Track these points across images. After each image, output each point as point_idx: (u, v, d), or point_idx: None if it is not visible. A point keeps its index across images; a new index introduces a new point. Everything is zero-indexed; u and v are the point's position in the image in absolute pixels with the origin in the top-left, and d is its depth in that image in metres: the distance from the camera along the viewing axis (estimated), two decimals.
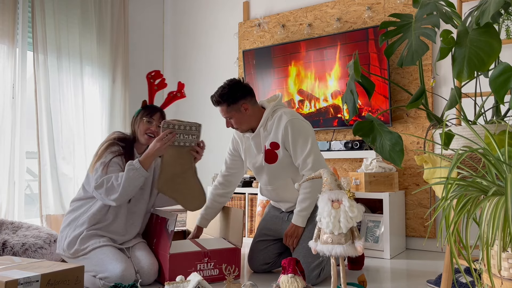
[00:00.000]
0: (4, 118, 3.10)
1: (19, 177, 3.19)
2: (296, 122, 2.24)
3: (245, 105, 2.28)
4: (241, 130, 2.37)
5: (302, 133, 2.23)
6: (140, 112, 2.31)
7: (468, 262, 1.04)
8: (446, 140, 1.43)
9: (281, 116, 2.28)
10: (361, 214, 1.53)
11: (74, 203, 2.27)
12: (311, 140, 2.23)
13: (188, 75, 4.51)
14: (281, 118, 2.27)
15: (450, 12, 1.54)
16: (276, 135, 2.28)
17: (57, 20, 3.49)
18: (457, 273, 2.00)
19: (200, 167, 4.32)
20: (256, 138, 2.34)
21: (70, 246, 2.14)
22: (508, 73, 1.26)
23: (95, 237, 2.14)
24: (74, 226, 2.18)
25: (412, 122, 3.20)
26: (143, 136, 2.27)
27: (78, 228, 2.16)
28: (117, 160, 2.18)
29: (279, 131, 2.26)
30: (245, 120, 2.31)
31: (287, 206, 2.40)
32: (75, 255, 2.12)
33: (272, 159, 2.30)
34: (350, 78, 1.66)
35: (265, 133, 2.32)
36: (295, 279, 1.63)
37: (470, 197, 1.05)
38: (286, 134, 2.23)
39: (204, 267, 2.17)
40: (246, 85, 2.33)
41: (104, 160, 2.15)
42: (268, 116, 2.32)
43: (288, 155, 2.28)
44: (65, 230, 2.20)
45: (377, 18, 3.37)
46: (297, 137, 2.22)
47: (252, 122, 2.33)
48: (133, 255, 2.19)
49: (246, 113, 2.30)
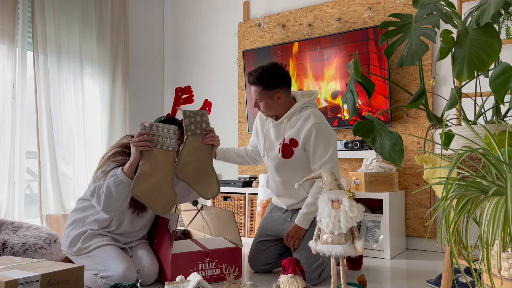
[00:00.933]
0: (4, 118, 3.10)
1: (19, 177, 3.19)
2: (322, 127, 2.22)
3: (279, 94, 2.27)
4: (266, 114, 2.35)
5: (326, 139, 2.22)
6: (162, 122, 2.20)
7: (468, 262, 1.04)
8: (446, 140, 1.43)
9: (309, 116, 2.25)
10: (361, 214, 1.53)
11: (81, 201, 2.25)
12: (332, 148, 2.22)
13: (188, 75, 4.51)
14: (309, 118, 2.24)
15: (450, 12, 1.54)
16: (298, 132, 2.25)
17: (57, 20, 3.49)
18: (457, 273, 2.00)
19: None
20: (278, 126, 2.33)
21: (73, 244, 2.14)
22: (508, 73, 1.26)
23: (98, 236, 2.14)
24: (78, 226, 2.18)
25: (412, 122, 3.21)
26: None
27: (82, 228, 2.16)
28: None
29: (302, 130, 2.23)
30: (274, 107, 2.30)
31: (290, 203, 2.37)
32: (78, 253, 2.13)
33: (287, 154, 2.28)
34: (350, 78, 1.65)
35: (288, 124, 2.29)
36: (295, 279, 1.63)
37: (470, 197, 1.05)
38: (309, 135, 2.21)
39: (205, 267, 2.17)
40: (287, 74, 2.30)
41: (105, 168, 2.09)
42: (296, 110, 2.29)
43: (305, 155, 2.26)
44: (69, 228, 2.20)
45: (377, 18, 3.37)
46: (320, 142, 2.20)
47: (280, 111, 2.31)
48: (134, 254, 2.19)
49: (278, 101, 2.28)
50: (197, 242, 2.29)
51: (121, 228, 2.19)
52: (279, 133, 2.33)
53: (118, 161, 2.12)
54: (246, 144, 4.00)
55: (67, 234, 2.19)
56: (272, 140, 2.36)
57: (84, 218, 2.19)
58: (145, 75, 4.50)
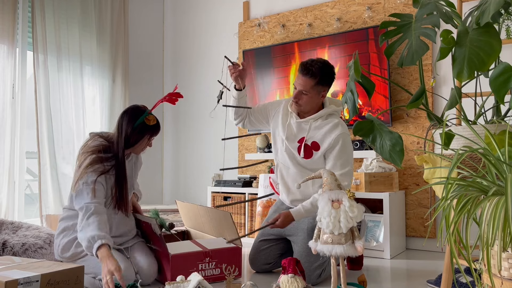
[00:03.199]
0: (4, 118, 3.10)
1: (19, 177, 3.19)
2: (348, 139, 2.24)
3: (324, 92, 2.27)
4: (298, 109, 2.29)
5: (348, 151, 2.24)
6: (146, 128, 2.10)
7: (468, 262, 1.04)
8: (446, 140, 1.43)
9: (338, 124, 2.24)
10: (361, 214, 1.53)
11: (66, 210, 2.20)
12: (351, 165, 2.25)
13: (188, 75, 4.51)
14: (337, 126, 2.23)
15: (450, 12, 1.54)
16: (323, 138, 2.24)
17: (57, 20, 3.49)
18: (457, 273, 2.00)
19: (200, 167, 4.33)
20: (302, 125, 2.30)
21: (65, 250, 2.10)
22: (508, 73, 1.26)
23: None
24: (69, 233, 2.13)
25: (412, 122, 3.20)
26: (141, 151, 2.19)
27: (73, 234, 2.11)
28: (101, 180, 2.04)
29: (329, 137, 2.22)
30: (313, 104, 2.27)
31: (293, 198, 2.35)
32: (73, 259, 2.10)
33: (307, 155, 2.27)
34: (350, 78, 1.65)
35: (313, 125, 2.28)
36: (295, 279, 1.63)
37: (470, 197, 1.05)
38: (335, 144, 2.21)
39: (205, 267, 2.17)
40: (334, 75, 2.30)
41: (86, 179, 2.00)
42: (323, 115, 2.28)
43: (323, 161, 2.26)
44: (59, 236, 2.15)
45: (377, 18, 3.37)
46: (343, 153, 2.21)
47: (312, 110, 2.30)
48: (132, 255, 2.18)
49: (320, 99, 2.28)
50: (196, 243, 2.29)
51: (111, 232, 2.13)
52: (301, 131, 2.31)
53: (96, 170, 2.03)
54: (246, 144, 4.00)
55: (58, 243, 2.14)
56: (293, 135, 2.32)
57: (74, 225, 2.12)
58: (145, 75, 4.50)
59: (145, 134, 2.11)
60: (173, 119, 4.55)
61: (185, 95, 4.51)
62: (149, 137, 2.13)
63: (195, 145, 4.40)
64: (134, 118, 2.09)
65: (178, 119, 4.52)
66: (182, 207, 2.80)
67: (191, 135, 4.43)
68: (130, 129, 2.08)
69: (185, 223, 2.88)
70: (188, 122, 4.45)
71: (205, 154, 4.32)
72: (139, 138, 2.10)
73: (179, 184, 4.51)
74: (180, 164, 4.48)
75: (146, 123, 2.09)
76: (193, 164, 4.40)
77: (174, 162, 4.52)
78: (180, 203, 2.80)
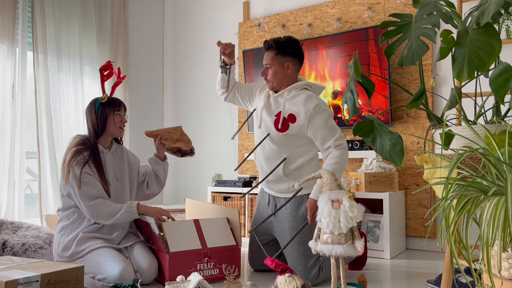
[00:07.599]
0: (4, 118, 3.10)
1: (19, 177, 3.19)
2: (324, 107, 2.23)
3: (289, 63, 2.29)
4: (270, 85, 2.34)
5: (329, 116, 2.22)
6: (105, 107, 2.25)
7: (468, 262, 1.04)
8: (446, 140, 1.43)
9: (311, 96, 2.25)
10: (361, 214, 1.53)
11: (61, 212, 2.25)
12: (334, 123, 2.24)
13: (188, 75, 4.51)
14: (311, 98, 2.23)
15: (450, 12, 1.54)
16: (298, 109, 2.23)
17: (57, 20, 3.49)
18: (457, 273, 2.00)
19: (200, 166, 4.33)
20: (278, 99, 2.32)
21: (66, 249, 2.13)
22: (508, 73, 1.26)
23: (92, 239, 2.14)
24: (68, 232, 2.18)
25: (412, 122, 3.20)
26: (117, 129, 2.28)
27: (72, 232, 2.16)
28: (87, 170, 2.16)
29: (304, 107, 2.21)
30: (281, 77, 2.30)
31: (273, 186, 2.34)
32: (72, 258, 2.12)
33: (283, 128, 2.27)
34: (350, 78, 1.66)
35: (287, 97, 2.28)
36: (293, 278, 1.63)
37: (470, 197, 1.05)
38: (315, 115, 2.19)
39: (204, 267, 2.17)
40: (301, 49, 2.35)
41: (73, 173, 2.14)
42: (297, 86, 2.30)
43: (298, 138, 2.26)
44: (59, 235, 2.19)
45: (377, 18, 3.37)
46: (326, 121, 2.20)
47: (284, 84, 2.32)
48: (131, 255, 2.19)
49: (286, 71, 2.30)
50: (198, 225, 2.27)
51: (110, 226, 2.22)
52: (278, 106, 2.32)
53: (78, 162, 2.17)
54: (246, 144, 4.00)
55: (58, 242, 2.18)
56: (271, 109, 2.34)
57: (72, 223, 2.19)
58: (145, 75, 4.50)
59: (106, 110, 2.25)
60: (173, 119, 4.55)
61: (185, 95, 4.52)
62: (113, 112, 2.26)
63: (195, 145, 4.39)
64: (93, 105, 2.28)
65: (178, 119, 4.52)
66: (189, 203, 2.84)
67: (191, 135, 4.43)
68: (93, 115, 2.26)
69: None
70: (188, 122, 4.46)
71: (205, 154, 4.32)
72: (103, 117, 2.25)
73: (179, 184, 4.51)
74: (180, 164, 4.48)
75: (102, 103, 2.27)
76: (193, 164, 4.40)
77: (174, 162, 4.52)
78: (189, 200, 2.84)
